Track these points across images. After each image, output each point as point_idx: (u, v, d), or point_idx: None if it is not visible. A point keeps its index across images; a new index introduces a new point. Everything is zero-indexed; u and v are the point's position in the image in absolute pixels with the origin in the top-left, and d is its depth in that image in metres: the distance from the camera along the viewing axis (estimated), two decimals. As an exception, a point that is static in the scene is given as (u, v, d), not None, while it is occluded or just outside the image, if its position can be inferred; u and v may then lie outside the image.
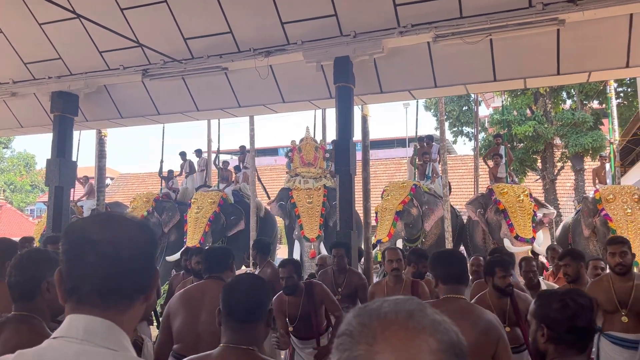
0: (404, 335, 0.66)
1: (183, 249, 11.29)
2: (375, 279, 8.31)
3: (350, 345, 0.67)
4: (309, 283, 4.75)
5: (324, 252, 9.75)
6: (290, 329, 4.62)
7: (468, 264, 5.90)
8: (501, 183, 10.91)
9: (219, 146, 14.64)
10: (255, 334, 1.92)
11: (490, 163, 11.74)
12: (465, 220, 12.12)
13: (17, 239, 8.10)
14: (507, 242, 9.71)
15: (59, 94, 9.42)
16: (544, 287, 4.98)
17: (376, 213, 10.51)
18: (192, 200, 12.35)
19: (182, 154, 14.41)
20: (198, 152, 14.59)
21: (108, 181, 29.50)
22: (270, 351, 5.14)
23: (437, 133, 14.38)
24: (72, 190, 10.62)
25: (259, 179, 13.68)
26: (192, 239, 11.44)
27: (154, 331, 5.45)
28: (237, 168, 14.15)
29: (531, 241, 9.78)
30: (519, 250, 9.41)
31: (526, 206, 10.12)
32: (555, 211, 10.79)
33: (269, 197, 13.33)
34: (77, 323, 1.03)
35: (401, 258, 4.75)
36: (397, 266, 4.69)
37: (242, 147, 14.09)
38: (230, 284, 2.03)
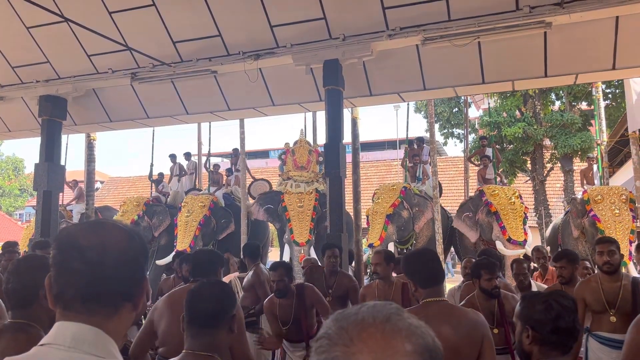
0: (381, 338, 0.67)
1: (174, 253, 11.25)
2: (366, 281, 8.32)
3: (327, 348, 0.68)
4: (300, 285, 4.75)
5: (313, 256, 9.75)
6: (284, 330, 4.62)
7: (460, 266, 5.93)
8: (490, 184, 10.97)
9: (209, 149, 14.60)
10: (216, 340, 1.91)
11: (477, 162, 11.82)
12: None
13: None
14: (499, 245, 9.75)
15: (47, 97, 9.35)
16: (535, 289, 5.01)
17: (367, 216, 10.53)
18: (183, 204, 12.30)
19: (172, 157, 14.35)
20: (187, 155, 14.54)
21: (98, 185, 29.34)
22: (256, 354, 5.14)
23: (428, 135, 14.45)
24: (61, 194, 10.54)
25: (253, 178, 13.66)
26: (182, 243, 11.40)
27: (144, 336, 5.41)
28: (229, 171, 14.10)
29: (523, 244, 9.83)
30: (512, 254, 9.47)
31: (517, 208, 10.19)
32: None
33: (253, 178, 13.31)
34: (65, 330, 1.03)
35: (381, 262, 4.70)
36: (376, 270, 4.71)
37: (235, 150, 14.06)
38: (192, 289, 2.02)
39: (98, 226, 1.12)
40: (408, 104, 12.69)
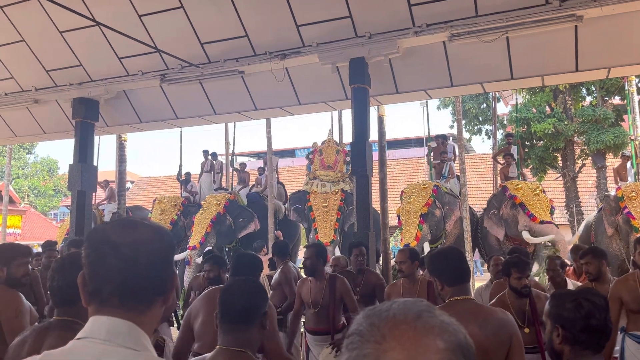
0: (413, 335, 0.67)
1: (187, 250, 11.43)
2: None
3: (359, 344, 0.68)
4: (333, 275, 4.83)
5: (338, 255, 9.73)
6: (312, 311, 4.68)
7: (490, 264, 5.87)
8: (514, 181, 10.82)
9: (233, 149, 14.71)
10: (249, 336, 1.94)
11: (501, 160, 11.63)
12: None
13: (41, 242, 8.29)
14: (526, 235, 9.58)
15: (80, 100, 9.60)
16: (570, 286, 4.92)
17: (398, 216, 10.42)
18: (203, 202, 12.54)
19: (205, 152, 14.42)
20: (214, 156, 14.65)
21: (128, 185, 29.92)
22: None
23: (454, 131, 14.28)
24: (93, 194, 10.79)
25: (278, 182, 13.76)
26: (193, 240, 11.57)
27: (175, 332, 5.52)
28: (261, 170, 14.10)
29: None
30: (539, 241, 9.31)
31: (542, 199, 10.03)
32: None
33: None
34: (100, 324, 1.06)
35: (405, 260, 4.68)
36: (400, 268, 4.69)
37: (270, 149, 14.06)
38: (225, 287, 2.07)
39: (129, 224, 1.15)
40: (427, 102, 12.51)
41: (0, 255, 3.18)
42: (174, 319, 5.74)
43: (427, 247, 9.80)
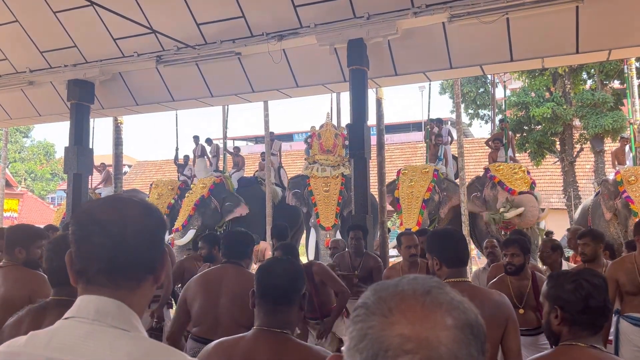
0: (420, 310, 0.66)
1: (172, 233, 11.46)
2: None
3: (365, 317, 0.68)
4: (308, 264, 4.83)
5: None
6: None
7: (484, 248, 5.92)
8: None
9: (225, 132, 14.65)
10: (289, 317, 1.91)
11: (492, 145, 11.63)
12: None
13: (39, 226, 8.25)
14: (503, 211, 9.61)
15: (75, 82, 9.51)
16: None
17: (397, 199, 10.38)
18: (192, 185, 12.59)
19: (195, 138, 14.40)
20: (209, 141, 14.58)
21: (125, 168, 29.82)
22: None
23: (453, 116, 14.20)
24: (90, 177, 10.75)
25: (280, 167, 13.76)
26: (177, 222, 11.64)
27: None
28: (264, 156, 14.01)
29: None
30: (516, 213, 9.35)
31: (522, 177, 10.07)
32: None
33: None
34: (88, 303, 1.04)
35: (418, 243, 4.73)
36: (415, 252, 4.69)
37: (271, 133, 14.03)
38: (265, 266, 2.01)
39: (116, 201, 1.13)
40: (430, 84, 12.39)
41: (20, 237, 3.16)
42: (173, 301, 5.72)
43: None
